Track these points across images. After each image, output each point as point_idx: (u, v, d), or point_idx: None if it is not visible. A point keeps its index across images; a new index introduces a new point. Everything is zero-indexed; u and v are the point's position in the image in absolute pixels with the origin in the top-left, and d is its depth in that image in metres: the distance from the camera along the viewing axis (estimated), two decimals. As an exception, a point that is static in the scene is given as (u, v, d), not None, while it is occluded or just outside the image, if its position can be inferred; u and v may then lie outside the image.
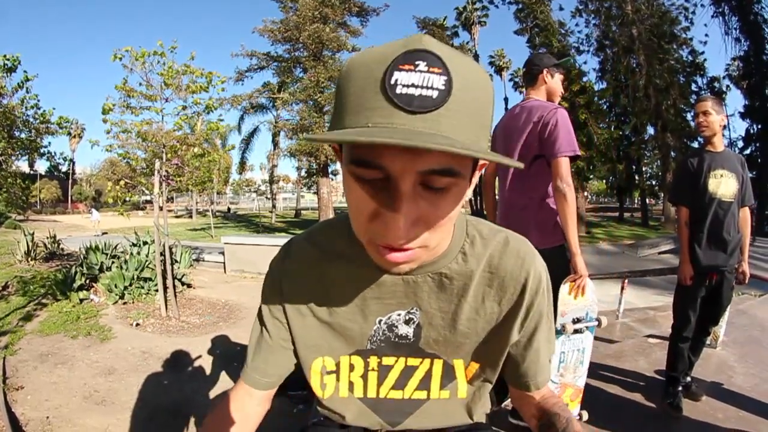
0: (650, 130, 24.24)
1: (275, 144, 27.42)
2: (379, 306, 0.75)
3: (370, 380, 0.82)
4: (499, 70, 40.62)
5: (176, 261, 7.39)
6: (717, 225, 2.32)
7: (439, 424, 0.85)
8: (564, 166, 1.92)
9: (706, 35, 31.03)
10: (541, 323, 0.76)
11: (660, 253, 14.86)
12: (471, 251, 0.72)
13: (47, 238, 8.12)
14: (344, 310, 0.75)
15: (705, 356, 2.77)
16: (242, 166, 30.41)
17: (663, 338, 3.20)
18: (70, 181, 35.31)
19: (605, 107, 23.82)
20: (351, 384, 0.82)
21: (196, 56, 5.19)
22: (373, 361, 0.80)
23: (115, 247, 7.06)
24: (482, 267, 0.72)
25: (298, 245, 0.79)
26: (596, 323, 2.04)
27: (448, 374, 0.81)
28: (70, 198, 34.61)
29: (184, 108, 5.13)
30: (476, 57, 31.99)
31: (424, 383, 0.81)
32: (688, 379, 2.54)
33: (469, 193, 0.57)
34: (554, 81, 2.21)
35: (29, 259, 7.24)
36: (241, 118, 24.60)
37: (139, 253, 6.87)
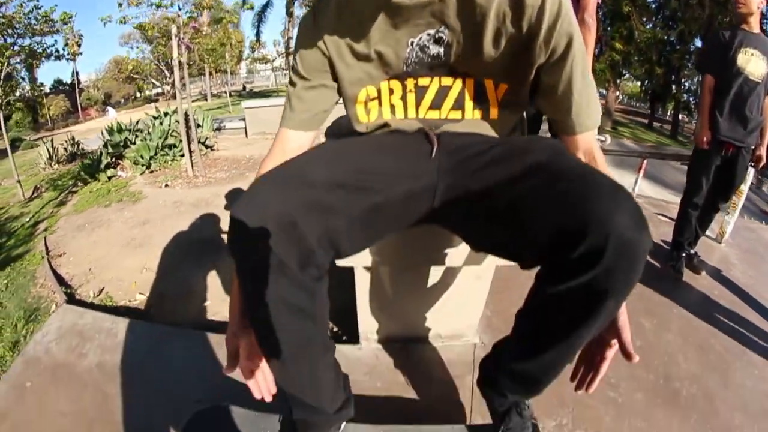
0: (698, 43, 20.22)
1: (290, 14, 25.10)
2: (409, 28, 0.79)
3: (409, 102, 0.87)
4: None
5: (199, 125, 7.23)
6: (740, 100, 2.28)
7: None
8: (593, 2, 2.04)
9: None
10: (570, 49, 0.76)
11: (683, 163, 12.91)
12: None
13: (66, 141, 7.95)
14: (378, 36, 0.80)
15: (708, 248, 2.83)
16: (257, 40, 29.73)
17: (672, 219, 3.05)
18: (76, 91, 34.23)
19: (653, 6, 20.44)
20: (392, 107, 0.89)
21: None
22: (410, 83, 0.85)
23: (137, 123, 6.87)
24: None
25: None
26: (604, 139, 2.49)
27: (480, 94, 0.85)
28: (79, 106, 33.88)
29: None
30: None
31: (459, 103, 0.86)
32: (692, 251, 2.61)
33: None
34: None
35: (52, 163, 7.16)
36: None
37: (161, 124, 6.65)
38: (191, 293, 2.28)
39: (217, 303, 2.19)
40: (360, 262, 1.29)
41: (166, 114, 7.00)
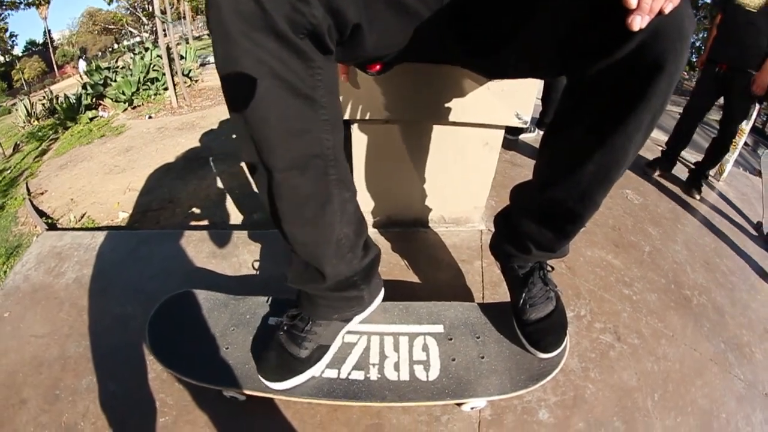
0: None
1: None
2: None
3: None
4: None
5: (183, 57, 6.88)
6: (732, 27, 2.39)
7: None
8: None
9: None
10: None
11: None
12: None
13: (44, 96, 7.48)
14: None
15: (708, 184, 2.81)
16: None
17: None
18: (50, 49, 32.40)
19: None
20: None
21: None
22: None
23: (117, 61, 6.42)
24: None
25: None
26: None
27: None
28: (55, 65, 32.31)
29: None
30: None
31: None
32: (691, 174, 2.61)
33: None
34: None
35: (32, 120, 6.74)
36: None
37: (142, 59, 6.25)
38: (175, 203, 2.10)
39: (202, 208, 2.05)
40: (358, 113, 1.21)
41: (147, 49, 6.58)
